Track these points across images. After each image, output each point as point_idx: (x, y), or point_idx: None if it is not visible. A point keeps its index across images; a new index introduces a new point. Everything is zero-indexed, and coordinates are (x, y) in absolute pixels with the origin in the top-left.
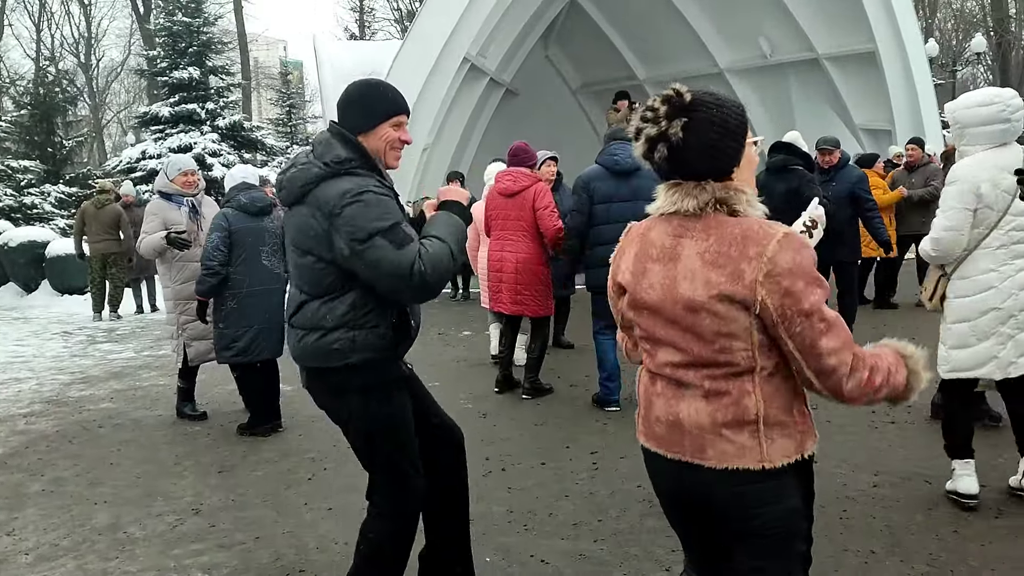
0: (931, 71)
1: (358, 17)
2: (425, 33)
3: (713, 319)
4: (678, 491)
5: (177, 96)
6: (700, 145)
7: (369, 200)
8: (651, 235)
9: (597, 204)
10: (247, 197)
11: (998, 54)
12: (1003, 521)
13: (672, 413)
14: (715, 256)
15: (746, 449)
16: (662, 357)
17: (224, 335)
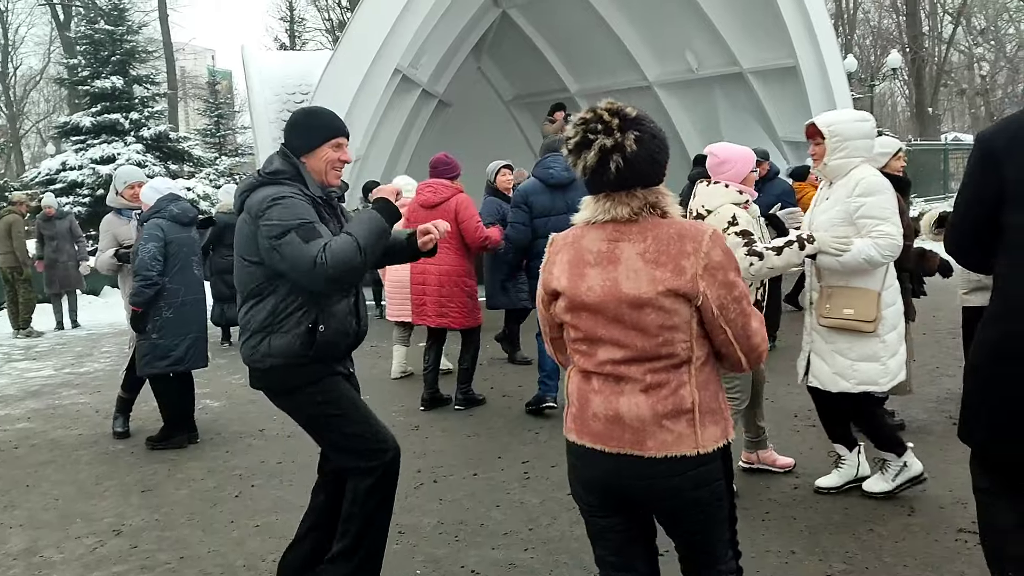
0: (850, 86)
1: (288, 27)
2: (356, 44)
3: (658, 313)
4: (615, 483)
5: (99, 106)
6: (647, 156)
7: (287, 204)
8: (583, 243)
9: (536, 218)
10: (178, 207)
11: (913, 69)
12: (916, 519)
13: (612, 408)
14: (656, 255)
15: (683, 437)
16: (602, 355)
17: (159, 346)
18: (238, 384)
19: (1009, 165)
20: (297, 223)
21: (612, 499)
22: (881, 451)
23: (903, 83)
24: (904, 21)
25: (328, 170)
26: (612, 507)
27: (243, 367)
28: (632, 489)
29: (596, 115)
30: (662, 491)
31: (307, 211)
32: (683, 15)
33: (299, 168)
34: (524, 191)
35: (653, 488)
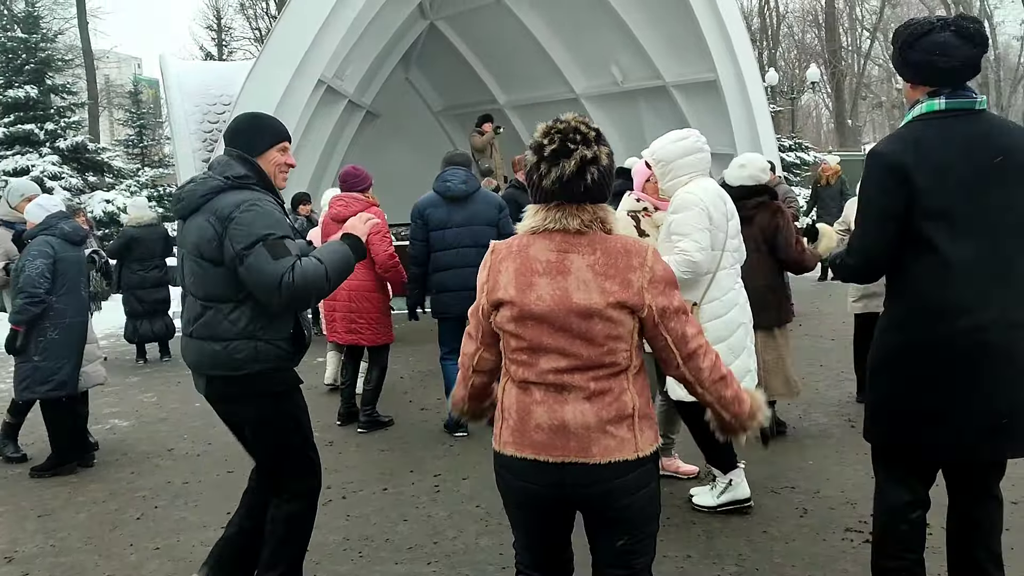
0: (774, 99)
1: (215, 36)
2: (278, 54)
3: (605, 324)
4: (556, 493)
5: (12, 116)
6: (609, 172)
7: (262, 210)
8: (530, 252)
9: (432, 231)
10: (69, 226)
11: (833, 83)
12: (808, 520)
13: (556, 418)
14: (604, 268)
15: (625, 442)
16: (544, 364)
17: (40, 368)
18: (149, 403)
19: (917, 175)
20: (268, 235)
21: (547, 509)
22: (710, 464)
23: (828, 95)
24: (824, 36)
25: (276, 174)
26: (547, 517)
27: (155, 386)
28: (576, 496)
29: (572, 126)
30: (606, 495)
31: (279, 222)
32: (608, 29)
33: (262, 172)
34: (421, 205)
35: (597, 493)
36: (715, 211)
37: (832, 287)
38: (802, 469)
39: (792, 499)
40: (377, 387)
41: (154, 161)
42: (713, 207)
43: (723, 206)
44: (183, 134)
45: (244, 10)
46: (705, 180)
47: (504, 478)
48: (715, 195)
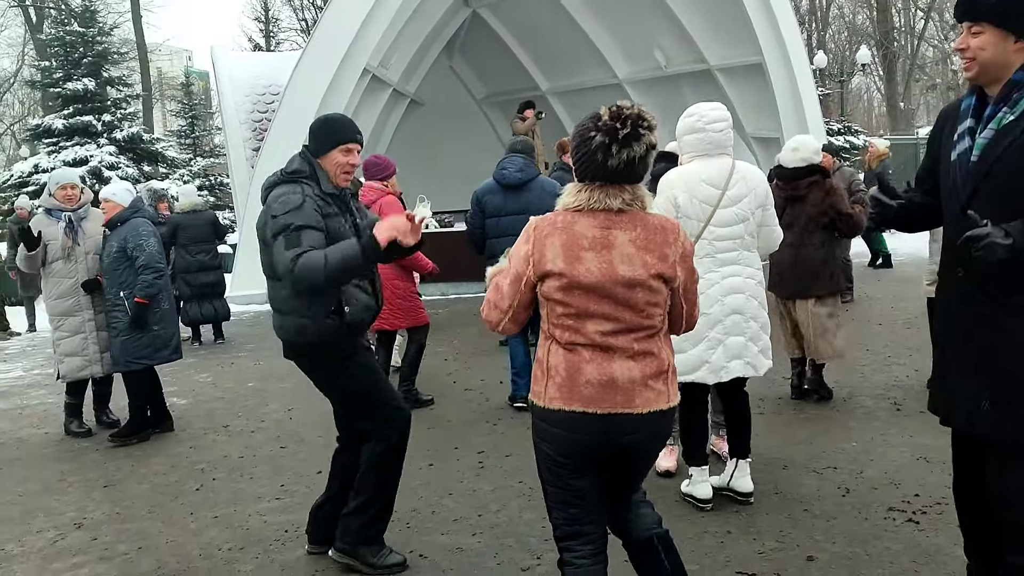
0: (822, 82)
1: (263, 27)
2: (324, 45)
3: (646, 292)
4: (603, 441)
5: (72, 108)
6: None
7: (289, 204)
8: (576, 228)
9: (488, 218)
10: (149, 210)
11: (885, 65)
12: (850, 499)
13: (606, 374)
14: (645, 243)
15: (661, 393)
16: (590, 328)
17: (160, 336)
18: (205, 382)
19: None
20: (288, 226)
21: (590, 457)
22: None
23: (878, 78)
24: (876, 17)
25: (338, 173)
26: (588, 465)
27: (211, 366)
28: (617, 444)
29: (638, 112)
30: (643, 440)
31: (305, 214)
32: (651, 13)
33: (315, 168)
34: (480, 191)
35: (635, 439)
36: (687, 198)
37: (881, 272)
38: (845, 450)
39: (834, 479)
40: (413, 364)
41: (205, 151)
42: (686, 194)
43: (706, 193)
44: (234, 124)
45: (291, 1)
46: (696, 164)
47: (547, 434)
48: (696, 182)
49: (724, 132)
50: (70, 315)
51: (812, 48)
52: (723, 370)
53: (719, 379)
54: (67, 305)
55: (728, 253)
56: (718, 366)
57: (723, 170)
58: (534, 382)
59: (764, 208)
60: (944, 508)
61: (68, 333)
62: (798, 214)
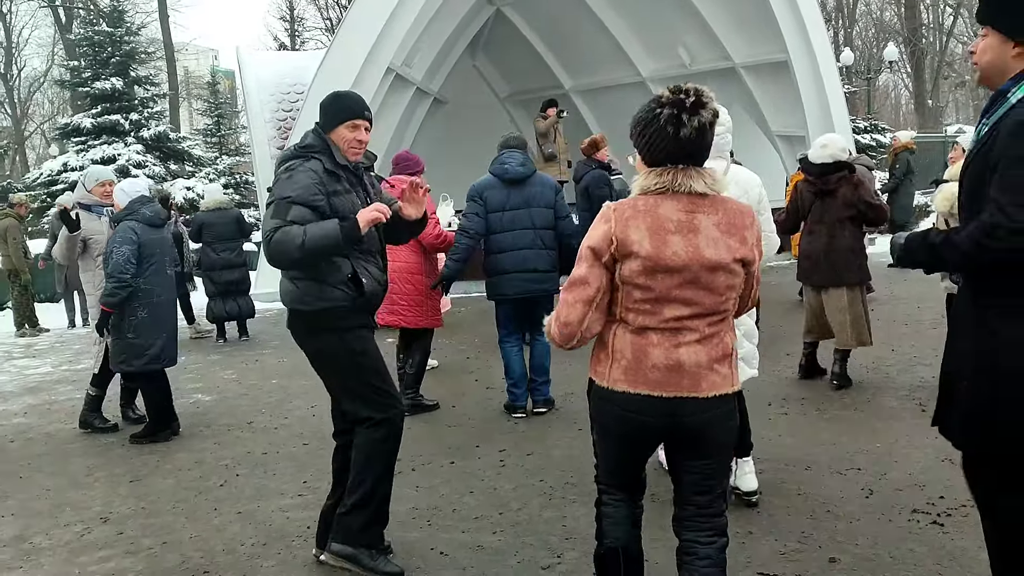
0: (849, 79)
1: (288, 27)
2: (348, 44)
3: (727, 275)
4: (665, 423)
5: (100, 107)
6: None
7: (293, 177)
8: (660, 211)
9: (491, 213)
10: (151, 210)
11: (912, 62)
12: (873, 500)
13: (672, 358)
14: (728, 227)
15: (726, 377)
16: (668, 312)
17: (134, 345)
18: (230, 379)
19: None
20: (281, 196)
21: (652, 441)
22: None
23: (906, 75)
24: (904, 13)
25: (346, 148)
26: (643, 447)
27: (236, 363)
28: (681, 425)
29: (699, 89)
30: (708, 423)
31: (303, 187)
32: (675, 11)
33: (327, 142)
34: (480, 186)
35: (701, 422)
36: None
37: (906, 271)
38: (869, 452)
39: (858, 480)
40: (419, 371)
41: (231, 149)
42: None
43: None
44: (259, 123)
45: (315, 1)
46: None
47: (610, 413)
48: None
49: (723, 136)
50: None
51: (839, 45)
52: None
53: None
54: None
55: None
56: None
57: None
58: (596, 363)
59: (758, 212)
60: (970, 510)
61: None
62: (828, 208)
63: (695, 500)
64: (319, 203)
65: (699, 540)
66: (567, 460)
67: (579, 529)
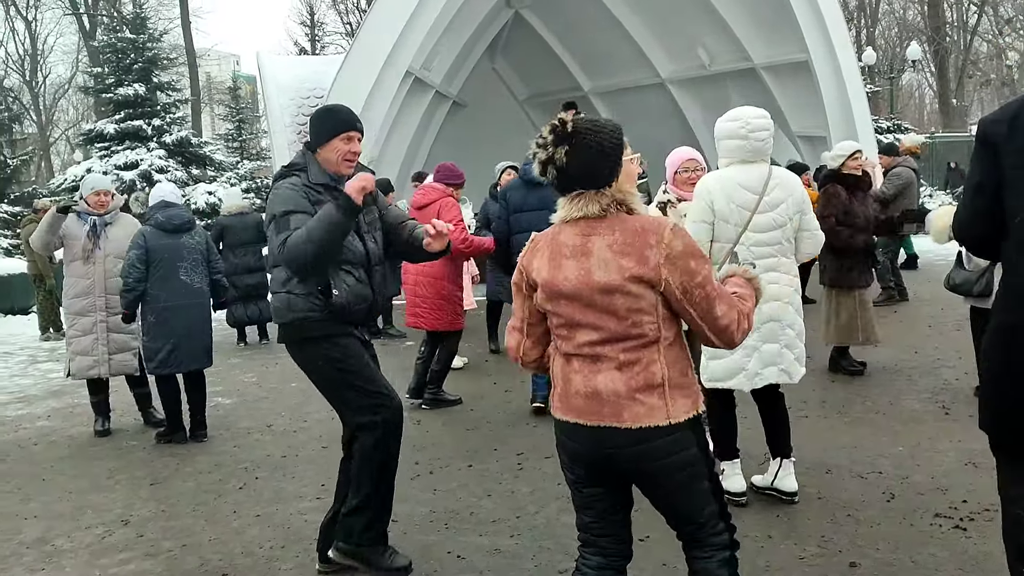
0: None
1: (308, 31)
2: (367, 48)
3: (625, 298)
4: (596, 454)
5: (123, 113)
6: (580, 165)
7: (277, 195)
8: (560, 238)
9: (512, 214)
10: (164, 215)
11: (936, 60)
12: (895, 504)
13: (590, 385)
14: (622, 246)
15: (655, 409)
16: (580, 338)
17: (147, 348)
18: (250, 382)
19: (1007, 152)
20: (279, 212)
21: (595, 469)
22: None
23: (929, 74)
24: (927, 11)
25: (340, 160)
26: (595, 478)
27: (255, 367)
28: (613, 458)
29: (542, 132)
30: (638, 457)
31: (290, 201)
32: (694, 12)
33: (307, 159)
34: (505, 187)
35: (630, 455)
36: (724, 203)
37: (930, 274)
38: (891, 455)
39: (879, 484)
40: (443, 369)
41: (252, 154)
42: (724, 199)
43: (744, 198)
44: (279, 127)
45: (336, 5)
46: (733, 169)
47: (558, 439)
48: (733, 187)
49: (766, 141)
50: (84, 315)
51: (861, 44)
52: (757, 376)
53: (753, 385)
54: (82, 305)
55: (767, 259)
56: (753, 373)
57: (761, 175)
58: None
59: (803, 213)
60: (994, 515)
61: (80, 332)
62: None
63: (679, 527)
64: (307, 208)
65: (698, 556)
66: None
67: None
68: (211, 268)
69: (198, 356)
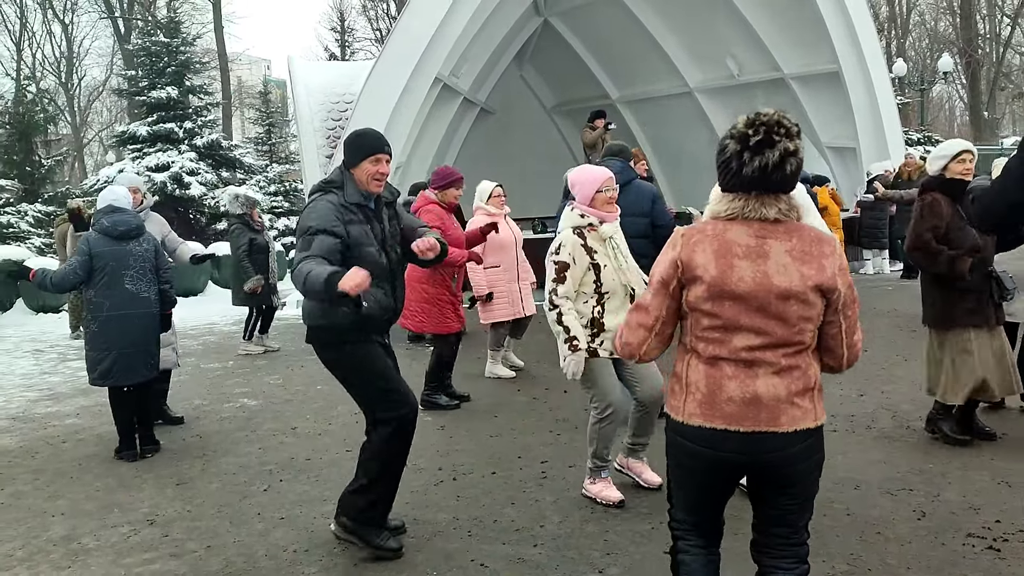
0: (902, 90)
1: (339, 37)
2: (397, 54)
3: (800, 306)
4: (742, 459)
5: (155, 115)
6: (801, 165)
7: (310, 211)
8: (728, 236)
9: None
10: (109, 220)
11: (968, 72)
12: (925, 523)
13: (749, 391)
14: (802, 254)
15: (807, 411)
16: (738, 342)
17: (89, 357)
18: (275, 384)
19: None
20: (308, 229)
21: (727, 474)
22: None
23: (960, 86)
24: (959, 23)
25: (369, 180)
26: (722, 482)
27: (281, 368)
28: (760, 461)
29: (776, 119)
30: (788, 459)
31: (323, 218)
32: (724, 21)
33: (344, 178)
34: None
35: (780, 458)
36: None
37: None
38: (923, 472)
39: (910, 501)
40: (432, 370)
41: (281, 158)
42: None
43: None
44: (308, 131)
45: (366, 12)
46: None
47: (685, 448)
48: None
49: None
50: None
51: (891, 56)
52: None
53: None
54: None
55: None
56: None
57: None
58: (671, 396)
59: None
60: None
61: None
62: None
63: (776, 531)
64: (338, 229)
65: (779, 567)
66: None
67: (620, 544)
68: (159, 277)
69: (140, 368)
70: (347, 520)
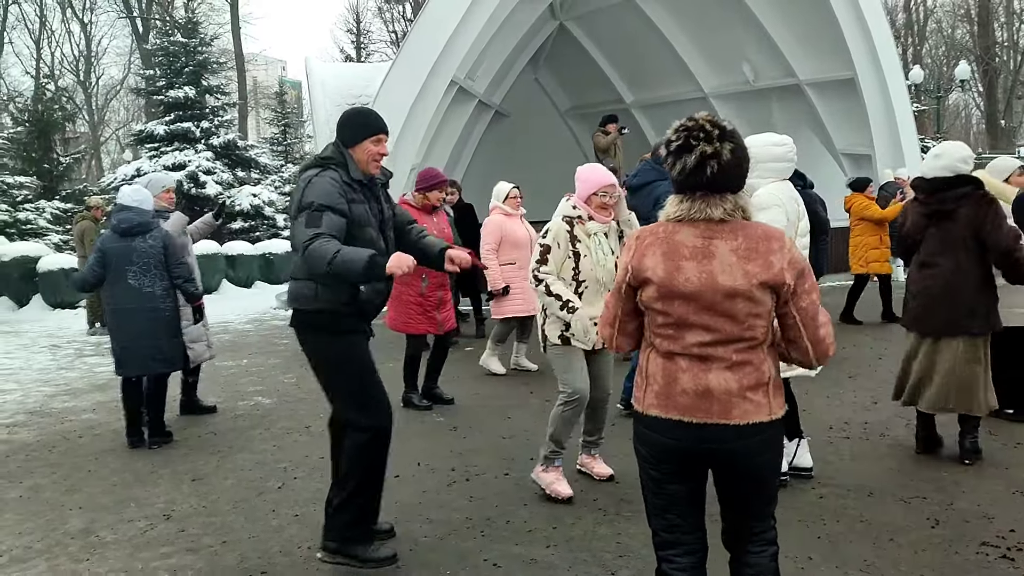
0: (918, 98)
1: (355, 39)
2: (413, 56)
3: (747, 303)
4: (696, 448)
5: (172, 115)
6: (734, 166)
7: (315, 184)
8: (677, 238)
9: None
10: (117, 218)
11: (985, 80)
12: (939, 531)
13: (701, 384)
14: (747, 252)
15: (760, 406)
16: (690, 339)
17: (111, 348)
18: (289, 383)
19: None
20: (311, 204)
21: (687, 464)
22: None
23: (977, 94)
24: (976, 31)
25: (369, 161)
26: (683, 473)
27: (295, 367)
28: (713, 453)
29: (698, 124)
30: (739, 452)
31: (328, 195)
32: (739, 27)
33: (345, 156)
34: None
35: (732, 450)
36: (790, 211)
37: None
38: (936, 480)
39: (923, 509)
40: (405, 370)
41: (296, 158)
42: (788, 207)
43: (796, 207)
44: (324, 132)
45: (382, 14)
46: (784, 183)
47: (646, 437)
48: (790, 197)
49: (777, 162)
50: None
51: (908, 63)
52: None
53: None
54: None
55: None
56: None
57: (792, 190)
58: (636, 388)
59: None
60: None
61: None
62: (947, 234)
63: (740, 521)
64: (343, 207)
65: (751, 551)
66: (623, 476)
67: (633, 547)
68: (170, 273)
69: (146, 362)
70: (331, 543)
